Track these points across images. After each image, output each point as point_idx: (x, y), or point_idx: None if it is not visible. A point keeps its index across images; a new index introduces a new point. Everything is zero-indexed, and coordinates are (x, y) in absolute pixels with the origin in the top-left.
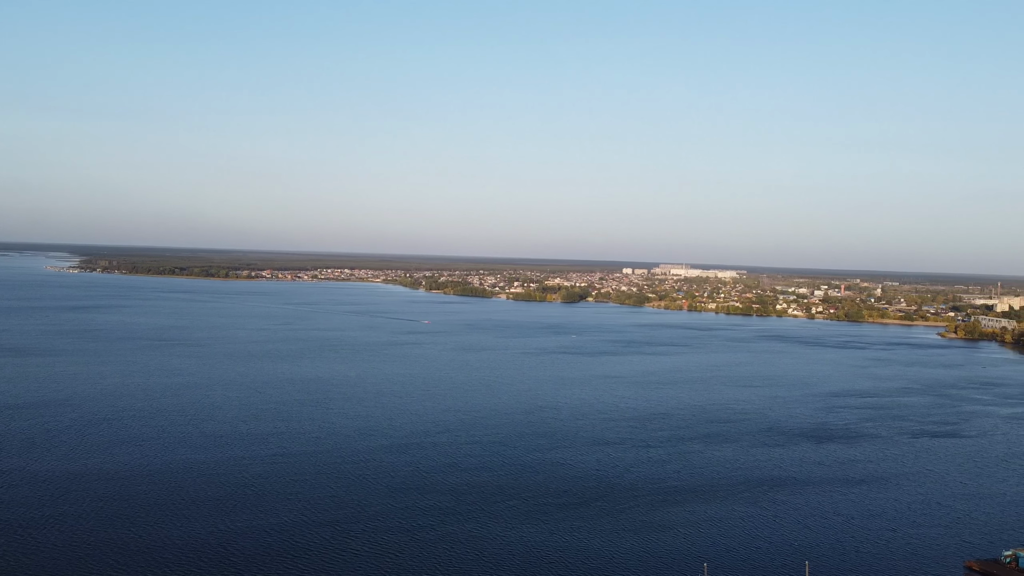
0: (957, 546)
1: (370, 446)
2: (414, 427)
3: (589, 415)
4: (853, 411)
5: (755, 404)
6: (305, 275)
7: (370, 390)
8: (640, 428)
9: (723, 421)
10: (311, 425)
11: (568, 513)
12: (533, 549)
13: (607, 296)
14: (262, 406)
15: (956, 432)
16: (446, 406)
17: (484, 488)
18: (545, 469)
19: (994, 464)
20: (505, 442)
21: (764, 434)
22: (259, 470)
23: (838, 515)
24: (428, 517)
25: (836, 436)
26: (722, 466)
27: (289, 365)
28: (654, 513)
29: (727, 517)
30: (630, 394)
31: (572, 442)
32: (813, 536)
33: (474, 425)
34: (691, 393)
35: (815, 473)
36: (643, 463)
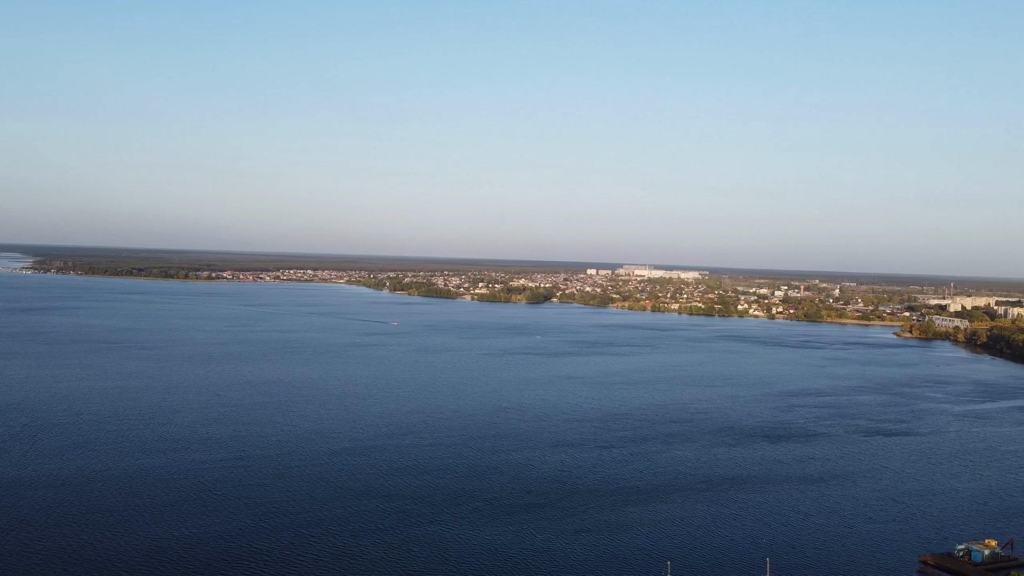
0: (912, 541)
1: (332, 449)
2: (377, 429)
3: (553, 416)
4: (811, 410)
5: (716, 404)
6: (267, 276)
7: (332, 392)
8: (603, 428)
9: (684, 421)
10: (272, 428)
11: (532, 514)
12: (497, 551)
13: (571, 297)
14: (222, 409)
15: (910, 430)
16: (410, 408)
17: (448, 490)
18: (509, 470)
19: (947, 460)
20: (469, 444)
21: (724, 433)
22: (218, 474)
23: (797, 512)
24: (391, 520)
25: (794, 435)
26: (684, 465)
27: (250, 367)
28: (618, 513)
29: (689, 516)
30: (593, 395)
31: (536, 443)
32: (773, 533)
33: (438, 427)
34: (653, 393)
35: (774, 471)
36: (606, 463)
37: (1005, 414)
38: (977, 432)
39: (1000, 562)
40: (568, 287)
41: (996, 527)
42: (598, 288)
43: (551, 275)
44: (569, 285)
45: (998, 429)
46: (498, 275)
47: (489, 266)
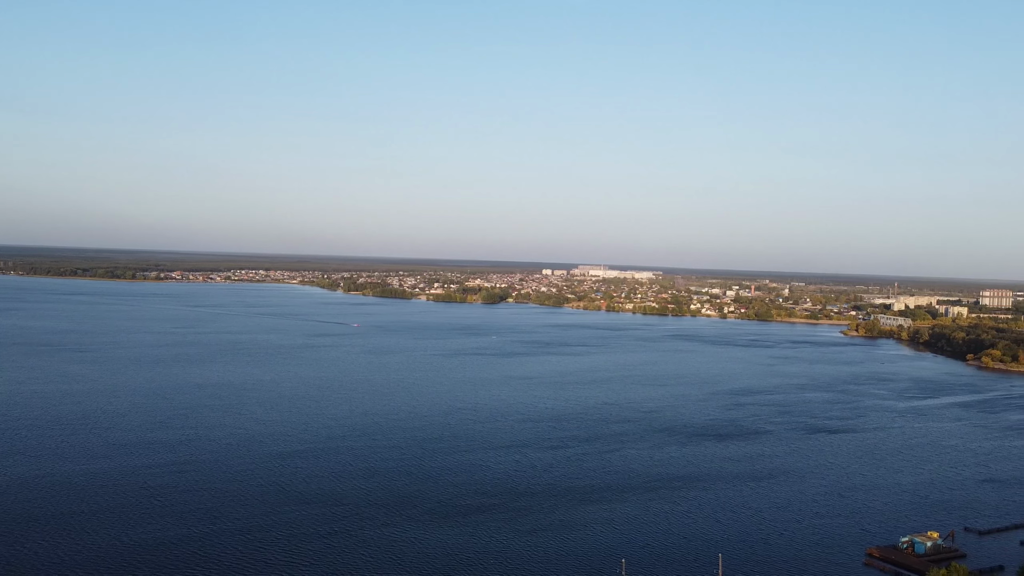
0: (858, 534)
1: (284, 451)
2: (330, 432)
3: (507, 416)
4: (760, 408)
5: (668, 403)
6: (218, 276)
7: (285, 394)
8: (557, 428)
9: (637, 420)
10: (222, 431)
11: (487, 515)
12: (453, 551)
13: (527, 297)
14: (170, 412)
15: (855, 426)
16: (364, 409)
17: (402, 492)
18: (464, 471)
19: (890, 456)
20: (424, 445)
21: (676, 432)
22: (166, 479)
23: (747, 508)
24: (344, 523)
25: (744, 433)
26: (637, 464)
27: (199, 370)
28: (572, 512)
29: (643, 514)
30: (547, 395)
31: (490, 444)
32: (725, 529)
33: (392, 428)
34: (606, 392)
35: (725, 469)
36: (560, 463)
37: (945, 410)
38: (919, 428)
39: (942, 553)
40: (524, 287)
41: (938, 520)
42: (554, 288)
43: (507, 275)
44: (525, 285)
45: (939, 424)
46: (454, 275)
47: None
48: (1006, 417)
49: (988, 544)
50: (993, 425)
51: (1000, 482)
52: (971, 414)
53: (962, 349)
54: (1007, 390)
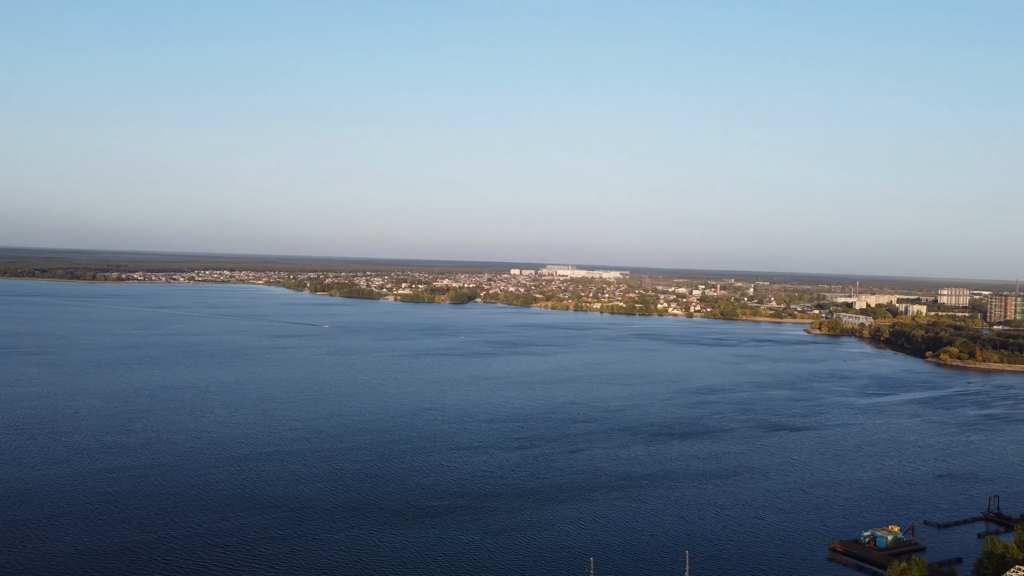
0: (821, 529)
1: (248, 454)
2: (296, 434)
3: (475, 417)
4: (726, 406)
5: (635, 401)
6: (181, 277)
7: (250, 396)
8: (525, 428)
9: (604, 419)
10: (185, 435)
11: (456, 515)
12: (421, 553)
13: (495, 297)
14: (131, 416)
15: (818, 423)
16: (330, 411)
17: (370, 494)
18: (432, 472)
19: (852, 452)
20: (391, 446)
21: (643, 431)
22: (127, 483)
23: (713, 506)
24: (310, 525)
25: (710, 430)
26: (604, 463)
27: (161, 372)
28: (540, 512)
29: (610, 512)
30: (515, 395)
31: (458, 444)
32: (691, 527)
33: (359, 430)
34: (574, 392)
35: (691, 467)
36: (528, 462)
37: (904, 406)
38: (879, 424)
39: (903, 547)
40: (492, 287)
41: (898, 514)
42: (522, 288)
43: (475, 275)
44: (493, 285)
45: (899, 421)
46: (422, 275)
47: (412, 266)
48: (963, 413)
49: (947, 537)
50: (950, 421)
51: (957, 476)
52: (929, 410)
53: (921, 347)
54: (964, 386)
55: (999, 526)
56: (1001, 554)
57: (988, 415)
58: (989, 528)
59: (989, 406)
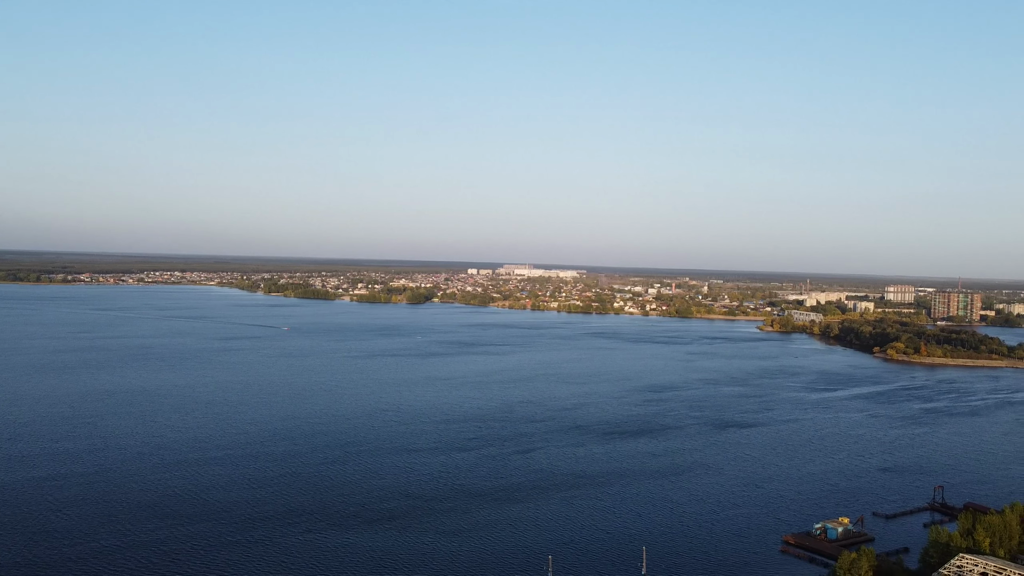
0: (774, 523)
1: (200, 459)
2: (250, 437)
3: (432, 417)
4: (680, 403)
5: (590, 400)
6: (130, 278)
7: (201, 400)
8: (481, 428)
9: (560, 418)
10: (133, 440)
11: (413, 517)
12: (378, 555)
13: (453, 297)
14: (77, 421)
15: (770, 419)
16: (285, 413)
17: (325, 497)
18: (388, 474)
19: (803, 446)
20: (347, 448)
21: (598, 429)
22: (73, 491)
23: (668, 502)
24: (265, 530)
25: (665, 428)
26: (560, 462)
27: (109, 376)
28: (498, 511)
29: (568, 511)
30: (472, 395)
31: (415, 446)
32: (647, 523)
33: (314, 432)
34: (530, 391)
35: (647, 464)
36: (485, 462)
37: (853, 401)
38: (829, 419)
39: (852, 538)
40: (449, 287)
41: (848, 506)
42: (479, 288)
43: (432, 275)
44: (450, 285)
45: (847, 415)
46: (378, 276)
47: (369, 266)
48: (908, 407)
49: (894, 527)
50: (896, 415)
51: (904, 468)
52: (876, 405)
53: (869, 342)
54: (909, 381)
55: (944, 516)
56: (946, 543)
57: (932, 408)
58: (934, 518)
59: (933, 400)
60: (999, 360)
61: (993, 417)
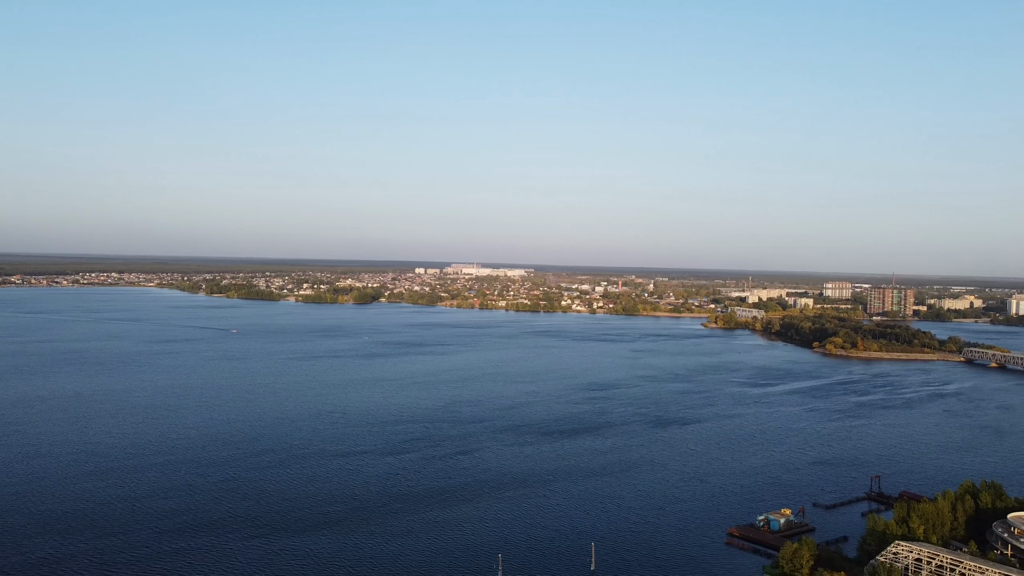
0: (719, 516)
1: (139, 465)
2: (191, 442)
3: (378, 418)
4: (625, 401)
5: (537, 398)
6: (64, 280)
7: (139, 404)
8: (429, 429)
9: (507, 417)
10: (67, 447)
11: (361, 519)
12: (325, 559)
13: (400, 296)
14: (6, 428)
15: (713, 414)
16: (227, 417)
17: (270, 501)
18: (334, 476)
19: (746, 440)
20: (292, 451)
21: (545, 427)
22: (2, 502)
23: (615, 498)
24: (207, 537)
25: (610, 424)
26: (509, 461)
27: (39, 381)
28: (447, 512)
29: (517, 509)
30: (418, 395)
31: (362, 447)
32: (595, 520)
33: (258, 436)
34: (477, 391)
35: (593, 461)
36: (432, 462)
37: (793, 396)
38: (770, 413)
39: (794, 528)
40: (396, 287)
41: (789, 498)
42: (427, 287)
43: (379, 275)
44: (397, 284)
45: (788, 409)
46: (324, 276)
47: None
48: (846, 400)
49: (834, 517)
50: (835, 408)
51: (842, 460)
52: (816, 398)
53: (809, 338)
54: (846, 375)
55: (880, 505)
56: (882, 531)
57: (868, 402)
58: (872, 507)
59: (869, 393)
60: (931, 353)
61: (925, 409)
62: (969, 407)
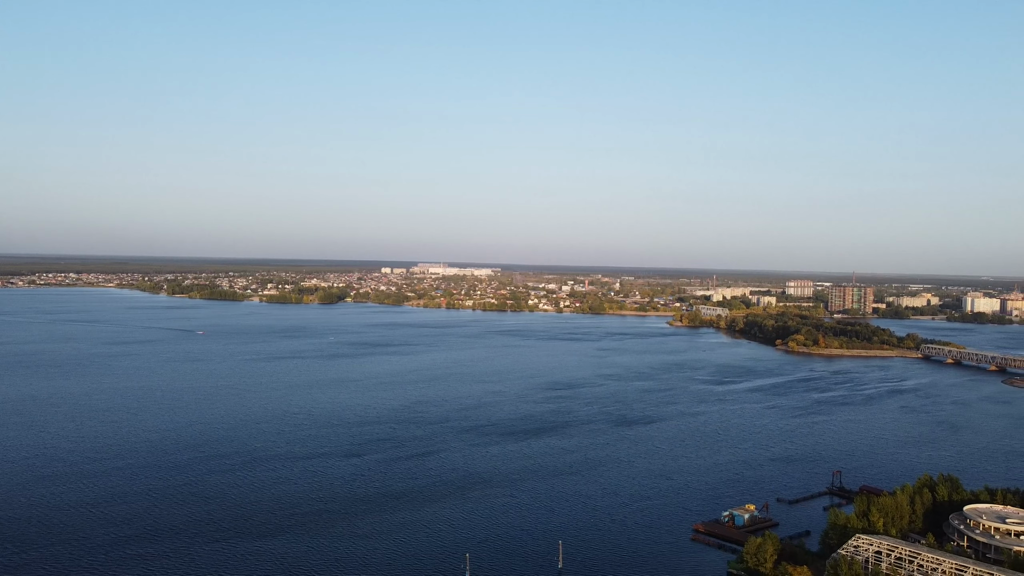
0: (685, 512)
1: (98, 470)
2: (152, 445)
3: (344, 419)
4: (592, 400)
5: (503, 398)
6: (20, 281)
7: (98, 407)
8: (395, 429)
9: (473, 417)
10: (23, 451)
11: (327, 521)
12: (292, 560)
13: (367, 296)
14: None
15: (679, 412)
16: (189, 419)
17: (234, 504)
18: (299, 478)
19: (711, 437)
20: (256, 453)
21: (512, 427)
22: None
23: (582, 497)
24: (170, 542)
25: (577, 423)
26: (474, 460)
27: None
28: (414, 512)
29: (484, 509)
30: (384, 395)
31: (327, 449)
32: (562, 518)
33: (221, 438)
34: (443, 391)
35: (560, 460)
36: (398, 463)
37: (757, 393)
38: (735, 410)
39: (758, 523)
40: (363, 287)
41: (753, 493)
42: (393, 287)
43: (345, 275)
44: (364, 285)
45: (751, 406)
46: (288, 276)
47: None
48: (808, 396)
49: (797, 512)
50: (797, 405)
51: (804, 455)
52: (778, 395)
53: (772, 335)
54: (808, 372)
55: (841, 499)
56: (843, 524)
57: (829, 398)
58: (833, 501)
59: (830, 390)
60: (890, 350)
61: (884, 405)
62: (926, 403)
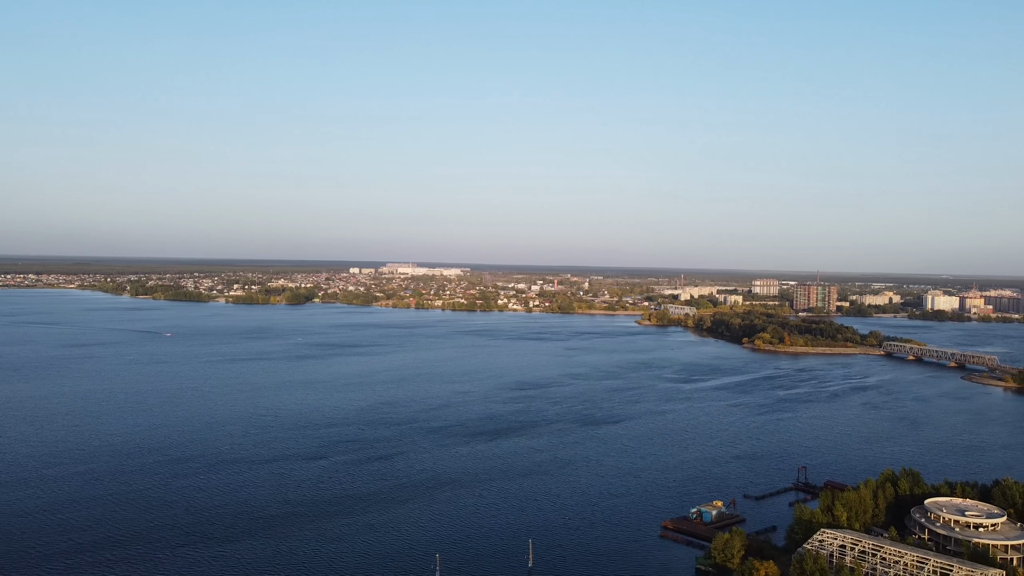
0: (653, 510)
1: (58, 475)
2: (114, 449)
3: (311, 421)
4: (560, 398)
5: (472, 398)
6: None
7: (59, 411)
8: (363, 430)
9: (442, 417)
10: None
11: (295, 523)
12: (260, 564)
13: (335, 297)
14: None
15: (647, 410)
16: (153, 422)
17: (200, 508)
18: (266, 481)
19: (679, 435)
20: (222, 456)
21: (480, 427)
22: None
23: (551, 496)
24: (134, 548)
25: (546, 422)
26: (445, 461)
27: None
28: (383, 513)
29: (454, 509)
30: (352, 396)
31: (295, 451)
32: (532, 517)
33: (186, 441)
34: (412, 391)
35: (529, 459)
36: (367, 464)
37: (723, 390)
38: (701, 408)
39: (725, 520)
40: (331, 287)
41: (720, 490)
42: (362, 287)
43: (313, 275)
44: (332, 285)
45: (718, 404)
46: (255, 276)
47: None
48: (774, 394)
49: (763, 508)
50: (763, 402)
51: (770, 452)
52: (745, 393)
53: (739, 334)
54: (774, 370)
55: (807, 494)
56: (808, 519)
57: (794, 395)
58: (799, 497)
59: (795, 387)
60: (853, 348)
61: (847, 401)
62: (888, 399)
